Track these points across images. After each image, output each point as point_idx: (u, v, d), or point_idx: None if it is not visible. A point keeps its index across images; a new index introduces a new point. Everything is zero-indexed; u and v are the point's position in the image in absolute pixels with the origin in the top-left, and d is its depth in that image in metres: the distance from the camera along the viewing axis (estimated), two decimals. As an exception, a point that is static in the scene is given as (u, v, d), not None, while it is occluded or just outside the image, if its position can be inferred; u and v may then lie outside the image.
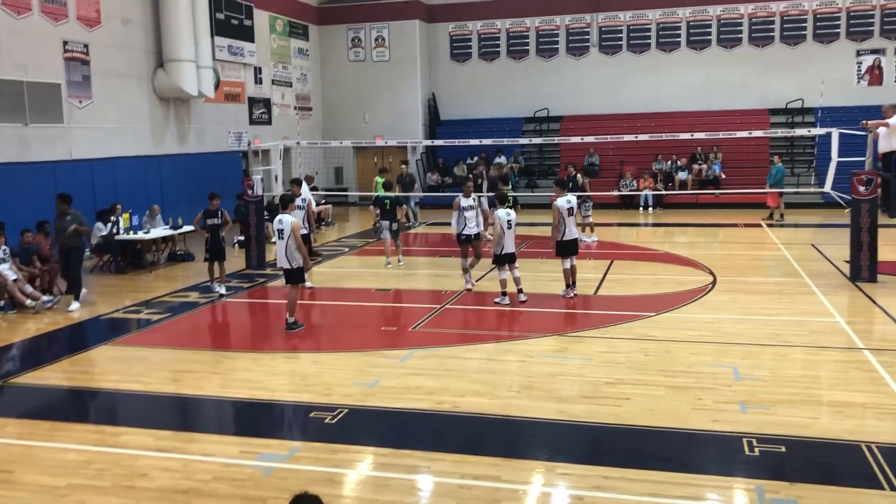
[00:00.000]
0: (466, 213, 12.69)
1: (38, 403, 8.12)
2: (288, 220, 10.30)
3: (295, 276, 10.49)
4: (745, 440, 6.40)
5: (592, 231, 17.83)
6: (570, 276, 12.04)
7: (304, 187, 16.03)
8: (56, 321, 11.50)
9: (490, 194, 15.32)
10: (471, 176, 18.34)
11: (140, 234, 15.60)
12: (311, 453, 6.42)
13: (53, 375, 8.86)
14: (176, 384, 8.42)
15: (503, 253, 11.60)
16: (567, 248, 11.96)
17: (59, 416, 7.59)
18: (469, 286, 12.72)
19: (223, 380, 8.51)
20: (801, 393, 7.52)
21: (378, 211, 15.43)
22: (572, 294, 12.01)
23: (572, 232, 11.98)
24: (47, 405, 8.09)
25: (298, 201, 13.54)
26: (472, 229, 12.68)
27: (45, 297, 12.33)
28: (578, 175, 17.77)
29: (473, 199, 12.87)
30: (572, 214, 12.00)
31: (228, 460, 6.31)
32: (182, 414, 7.86)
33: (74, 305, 12.18)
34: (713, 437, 6.57)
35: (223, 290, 12.92)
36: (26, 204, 15.47)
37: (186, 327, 11.19)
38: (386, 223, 15.07)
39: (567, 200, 11.96)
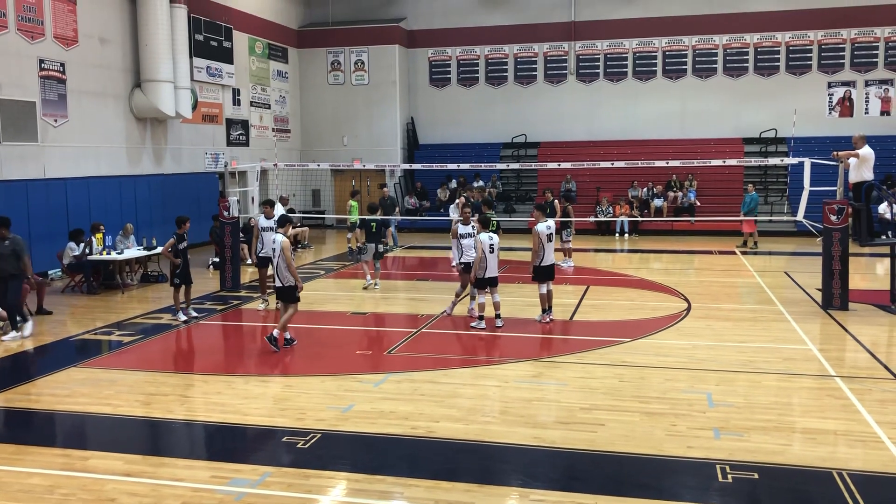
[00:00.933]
0: (464, 241, 12.61)
1: (3, 427, 7.96)
2: (279, 239, 10.40)
3: (285, 295, 10.54)
4: (718, 467, 6.41)
5: (569, 256, 17.89)
6: (547, 301, 12.05)
7: (279, 208, 15.99)
8: (24, 342, 11.29)
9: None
10: (464, 198, 18.00)
11: (113, 255, 15.42)
12: (282, 478, 6.33)
13: (20, 398, 8.68)
14: (146, 407, 8.29)
15: (485, 276, 11.58)
16: (544, 273, 11.99)
17: (24, 440, 7.42)
18: (448, 311, 12.67)
19: (195, 403, 8.39)
20: (774, 420, 7.56)
21: (363, 233, 15.45)
22: (548, 319, 12.02)
23: (550, 257, 12.01)
24: (13, 428, 7.92)
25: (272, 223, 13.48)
26: (470, 257, 12.37)
27: (14, 318, 12.10)
28: (556, 201, 17.82)
29: (472, 227, 12.72)
30: (551, 240, 12.04)
31: (199, 485, 6.20)
32: (152, 438, 7.72)
33: (10, 335, 11.31)
34: (687, 463, 6.57)
35: (194, 313, 12.80)
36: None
37: (158, 350, 11.05)
38: (372, 245, 15.10)
39: (547, 226, 11.99)
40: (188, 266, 12.70)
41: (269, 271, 11.74)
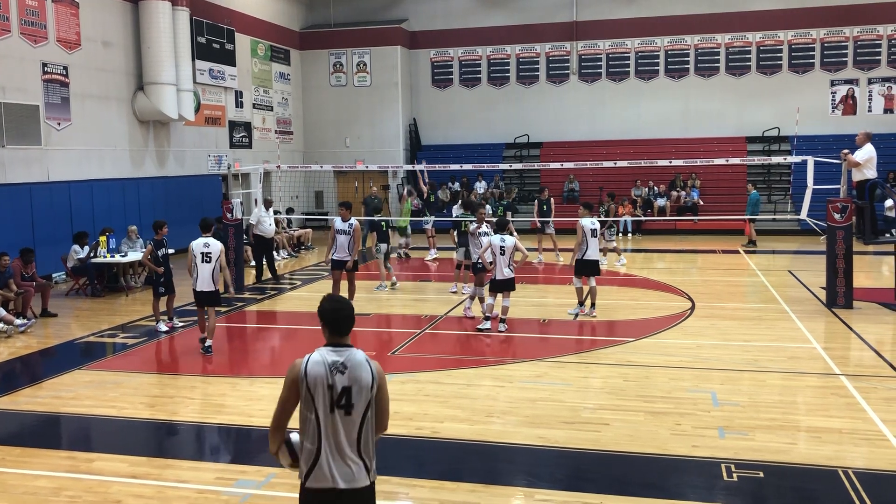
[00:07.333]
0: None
1: (9, 429, 7.97)
2: (219, 246, 10.57)
3: (211, 300, 10.58)
4: (723, 466, 6.40)
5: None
6: (588, 297, 12.29)
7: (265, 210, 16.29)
8: (29, 345, 11.32)
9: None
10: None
11: (117, 258, 15.44)
12: (287, 479, 6.33)
13: (25, 400, 8.70)
14: (151, 409, 8.30)
15: (497, 279, 11.38)
16: (587, 268, 12.19)
17: (30, 442, 7.44)
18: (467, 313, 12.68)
19: (199, 405, 8.40)
20: (779, 418, 7.55)
21: (376, 233, 15.57)
22: (585, 312, 12.24)
23: (593, 252, 12.22)
24: (18, 431, 7.94)
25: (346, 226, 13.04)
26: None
27: (18, 321, 12.14)
28: (551, 199, 18.74)
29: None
30: (595, 235, 12.30)
31: (204, 486, 6.21)
32: (157, 440, 7.73)
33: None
34: (692, 462, 6.57)
35: (179, 323, 12.36)
36: (2, 226, 15.31)
37: (163, 351, 11.07)
38: (383, 246, 15.26)
39: (591, 221, 12.33)
40: (171, 273, 12.10)
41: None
